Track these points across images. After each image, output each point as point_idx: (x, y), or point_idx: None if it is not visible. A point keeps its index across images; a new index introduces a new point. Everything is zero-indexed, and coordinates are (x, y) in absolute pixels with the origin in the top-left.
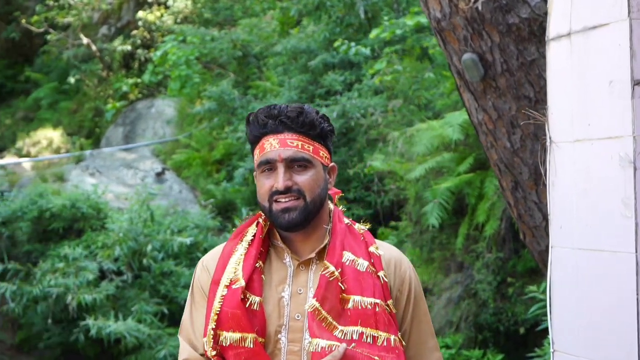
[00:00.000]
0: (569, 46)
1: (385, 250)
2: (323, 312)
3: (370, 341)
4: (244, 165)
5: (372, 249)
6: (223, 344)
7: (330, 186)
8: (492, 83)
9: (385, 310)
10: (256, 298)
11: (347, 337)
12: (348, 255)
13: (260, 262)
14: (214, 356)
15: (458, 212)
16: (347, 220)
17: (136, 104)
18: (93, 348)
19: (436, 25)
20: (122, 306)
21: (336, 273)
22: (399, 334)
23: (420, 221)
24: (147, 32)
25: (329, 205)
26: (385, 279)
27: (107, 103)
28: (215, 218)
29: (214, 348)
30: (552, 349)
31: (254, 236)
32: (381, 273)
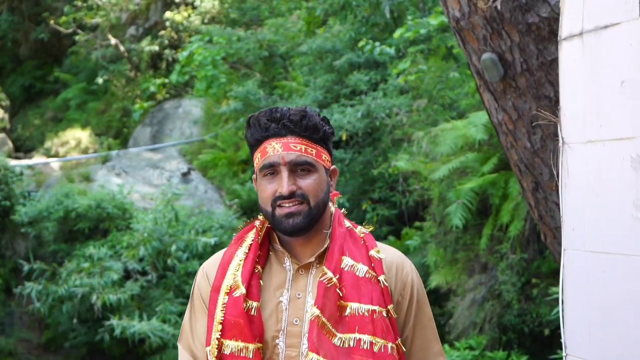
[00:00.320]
0: (581, 46)
1: (387, 253)
2: (323, 319)
3: (367, 347)
4: None
5: (373, 253)
6: (225, 353)
7: (332, 189)
8: (512, 83)
9: (384, 316)
10: (254, 303)
11: (345, 345)
12: (347, 260)
13: (258, 267)
14: None
15: (482, 213)
16: (348, 223)
17: (164, 104)
18: (118, 347)
19: (455, 24)
20: (147, 306)
21: (334, 279)
22: (401, 339)
23: (444, 222)
24: (175, 33)
25: (330, 207)
26: (385, 283)
27: (135, 103)
28: (240, 218)
29: (218, 358)
30: (565, 353)
31: (253, 241)
32: (381, 277)
